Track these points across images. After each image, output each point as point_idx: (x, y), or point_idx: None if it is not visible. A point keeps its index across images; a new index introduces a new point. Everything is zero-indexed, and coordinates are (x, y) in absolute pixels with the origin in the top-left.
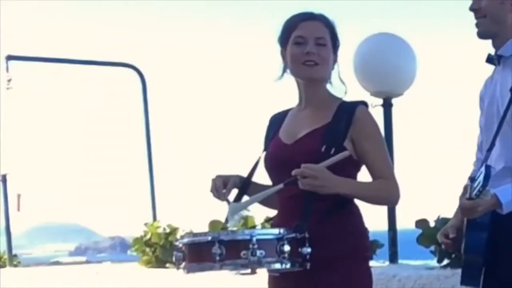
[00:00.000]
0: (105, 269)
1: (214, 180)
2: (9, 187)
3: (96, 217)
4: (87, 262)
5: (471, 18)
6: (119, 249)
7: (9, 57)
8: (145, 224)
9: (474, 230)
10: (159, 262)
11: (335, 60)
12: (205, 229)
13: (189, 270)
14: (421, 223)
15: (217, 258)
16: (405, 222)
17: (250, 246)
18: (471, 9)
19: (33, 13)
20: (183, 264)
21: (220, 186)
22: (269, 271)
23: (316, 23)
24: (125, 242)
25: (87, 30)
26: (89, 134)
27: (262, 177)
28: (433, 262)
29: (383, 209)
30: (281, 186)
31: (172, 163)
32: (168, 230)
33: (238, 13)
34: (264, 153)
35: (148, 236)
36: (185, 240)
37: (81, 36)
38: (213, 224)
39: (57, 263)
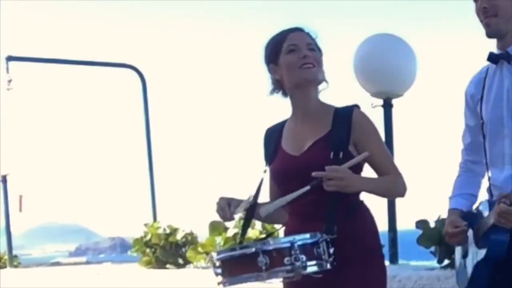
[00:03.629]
0: (105, 269)
1: (218, 203)
2: (10, 188)
3: (96, 218)
4: (87, 262)
5: (471, 18)
6: (119, 249)
7: (10, 58)
8: (145, 225)
9: (498, 233)
10: (159, 263)
11: None
12: (205, 229)
13: (232, 282)
14: (422, 223)
15: (263, 267)
16: (406, 222)
17: (293, 252)
18: (481, 8)
19: (33, 14)
20: (224, 278)
21: (225, 206)
22: (312, 274)
23: (303, 33)
24: (125, 243)
25: (87, 30)
26: (89, 134)
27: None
28: (434, 263)
29: (384, 210)
30: (307, 188)
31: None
32: (168, 231)
33: (238, 12)
34: (268, 168)
35: (148, 236)
36: (225, 255)
37: (81, 37)
38: (213, 225)
39: (57, 263)
